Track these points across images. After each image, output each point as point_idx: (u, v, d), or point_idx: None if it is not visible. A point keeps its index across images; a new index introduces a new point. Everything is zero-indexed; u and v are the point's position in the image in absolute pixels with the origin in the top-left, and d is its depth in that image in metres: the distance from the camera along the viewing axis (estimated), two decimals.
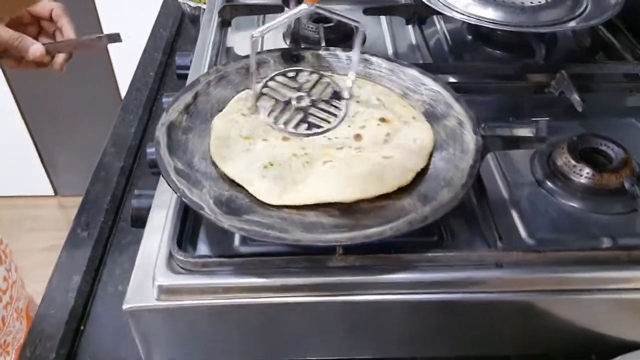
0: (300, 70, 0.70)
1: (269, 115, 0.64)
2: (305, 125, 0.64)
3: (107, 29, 1.81)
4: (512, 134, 0.73)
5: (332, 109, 0.66)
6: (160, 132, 0.61)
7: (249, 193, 0.57)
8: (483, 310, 0.56)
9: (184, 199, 0.54)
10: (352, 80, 0.67)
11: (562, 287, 0.55)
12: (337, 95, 0.68)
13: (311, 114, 0.65)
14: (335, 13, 0.65)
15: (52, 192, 2.29)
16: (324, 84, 0.69)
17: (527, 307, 0.56)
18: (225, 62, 0.73)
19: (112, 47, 1.88)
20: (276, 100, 0.66)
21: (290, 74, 0.70)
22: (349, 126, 0.64)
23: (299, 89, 0.68)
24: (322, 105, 0.66)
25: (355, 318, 0.56)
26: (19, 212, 2.26)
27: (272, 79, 0.69)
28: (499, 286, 0.55)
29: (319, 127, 0.64)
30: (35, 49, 0.77)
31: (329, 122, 0.64)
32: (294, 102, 0.66)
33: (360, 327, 0.57)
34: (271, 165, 0.59)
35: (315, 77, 0.70)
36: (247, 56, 0.72)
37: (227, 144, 0.62)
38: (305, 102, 0.66)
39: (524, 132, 0.75)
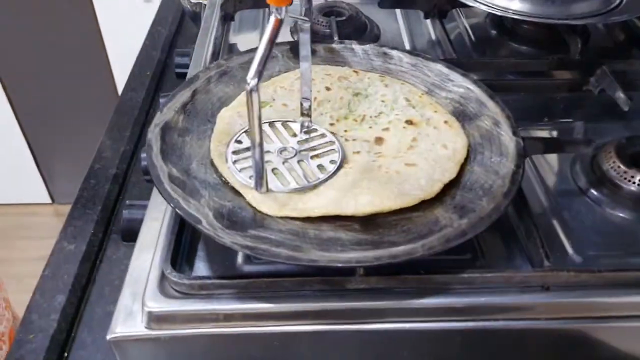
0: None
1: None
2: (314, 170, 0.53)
3: (104, 28, 1.75)
4: (550, 136, 0.66)
5: (325, 143, 0.56)
6: (153, 134, 0.53)
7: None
8: (527, 340, 0.49)
9: (178, 211, 0.47)
10: (306, 101, 0.56)
11: (619, 312, 0.48)
12: (314, 131, 0.57)
13: (312, 157, 0.54)
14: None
15: (49, 200, 2.22)
16: (288, 128, 0.57)
17: (578, 336, 0.48)
18: (228, 57, 0.65)
19: (110, 50, 1.82)
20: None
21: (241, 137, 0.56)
22: (370, 127, 0.56)
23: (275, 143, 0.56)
24: (312, 145, 0.55)
25: (378, 350, 0.49)
26: (15, 220, 2.21)
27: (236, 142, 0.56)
28: (546, 312, 0.47)
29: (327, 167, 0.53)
30: None
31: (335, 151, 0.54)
32: (278, 158, 0.54)
33: (383, 359, 0.49)
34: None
35: (267, 127, 0.57)
36: (252, 50, 0.65)
37: (228, 142, 0.54)
38: (290, 153, 0.54)
39: (561, 134, 0.68)
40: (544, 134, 0.68)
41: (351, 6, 0.82)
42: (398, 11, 0.89)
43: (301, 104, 0.56)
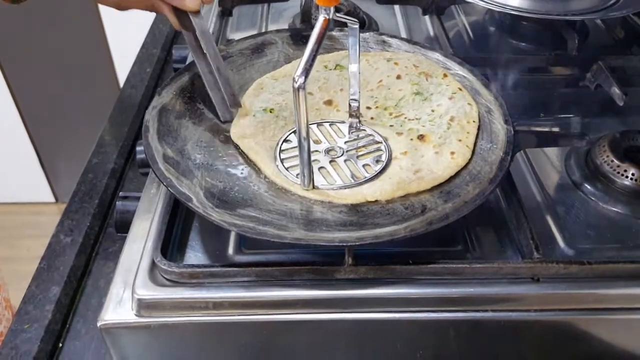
0: (321, 123, 0.59)
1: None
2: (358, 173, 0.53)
3: (108, 24, 1.76)
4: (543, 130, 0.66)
5: (372, 143, 0.56)
6: (150, 116, 0.54)
7: (246, 184, 0.50)
8: (517, 332, 0.49)
9: (170, 190, 0.48)
10: (355, 102, 0.56)
11: (609, 305, 0.48)
12: (362, 131, 0.57)
13: (359, 157, 0.54)
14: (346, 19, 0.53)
15: (52, 199, 2.23)
16: (336, 128, 0.58)
17: (567, 328, 0.48)
18: (228, 43, 0.66)
19: (114, 50, 1.83)
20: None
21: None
22: (392, 126, 0.57)
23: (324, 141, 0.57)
24: (360, 145, 0.56)
25: (367, 339, 0.49)
26: (20, 219, 2.22)
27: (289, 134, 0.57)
28: (535, 303, 0.47)
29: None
30: None
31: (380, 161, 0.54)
32: (325, 157, 0.54)
33: (372, 349, 0.50)
34: (271, 111, 0.54)
35: (315, 128, 0.58)
36: (253, 36, 0.66)
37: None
38: (338, 152, 0.55)
39: (557, 129, 0.68)
40: (540, 128, 0.68)
41: (349, 2, 0.83)
42: (396, 7, 0.89)
43: (349, 105, 0.57)
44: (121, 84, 1.90)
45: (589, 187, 0.58)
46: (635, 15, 0.83)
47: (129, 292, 0.47)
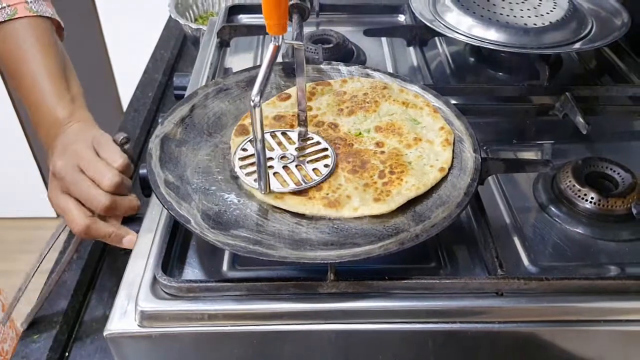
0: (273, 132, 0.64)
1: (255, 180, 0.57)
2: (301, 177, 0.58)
3: (113, 53, 1.82)
4: (515, 157, 0.71)
5: (320, 150, 0.61)
6: (154, 144, 0.59)
7: (238, 207, 0.55)
8: (482, 342, 0.53)
9: (170, 212, 0.53)
10: (303, 113, 0.62)
11: (566, 317, 0.53)
12: (310, 139, 0.63)
13: (309, 162, 0.60)
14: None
15: (54, 214, 2.27)
16: (287, 136, 0.63)
17: (529, 339, 0.53)
18: (225, 75, 0.71)
19: (117, 70, 1.89)
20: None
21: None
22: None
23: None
24: (308, 151, 0.61)
25: (348, 348, 0.54)
26: (23, 234, 2.25)
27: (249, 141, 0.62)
28: (499, 316, 0.52)
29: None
30: (130, 240, 0.66)
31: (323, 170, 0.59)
32: (279, 164, 0.59)
33: (353, 357, 0.54)
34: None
35: (269, 136, 0.63)
36: (248, 69, 0.71)
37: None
38: (290, 158, 0.60)
39: (528, 155, 0.73)
40: (514, 154, 0.74)
41: (339, 34, 0.88)
42: (383, 39, 0.94)
43: (298, 115, 0.63)
44: (123, 103, 1.96)
45: (553, 209, 0.63)
46: (606, 46, 0.89)
47: (132, 304, 0.52)
